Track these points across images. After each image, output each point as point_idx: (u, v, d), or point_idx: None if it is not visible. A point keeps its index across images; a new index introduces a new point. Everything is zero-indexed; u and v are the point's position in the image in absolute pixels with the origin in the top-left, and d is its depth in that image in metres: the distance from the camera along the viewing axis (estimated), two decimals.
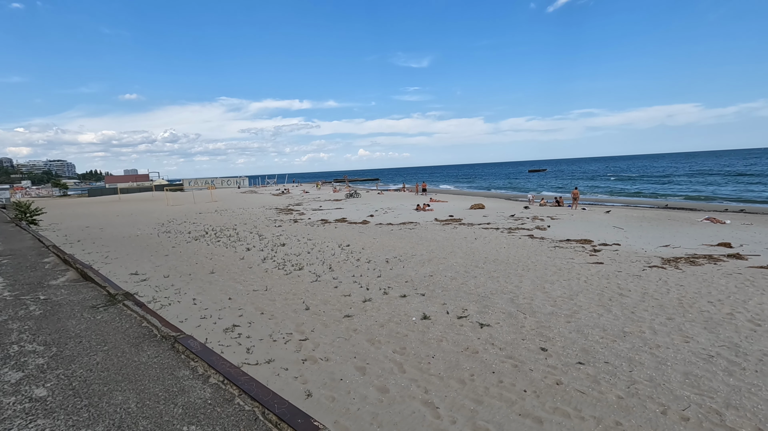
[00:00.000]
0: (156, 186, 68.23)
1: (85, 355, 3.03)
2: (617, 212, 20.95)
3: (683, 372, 4.44)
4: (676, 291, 7.24)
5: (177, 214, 24.53)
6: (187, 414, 2.24)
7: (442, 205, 25.97)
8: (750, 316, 5.99)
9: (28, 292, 4.81)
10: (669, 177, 56.39)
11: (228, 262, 10.19)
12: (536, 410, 3.79)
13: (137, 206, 33.45)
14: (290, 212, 24.06)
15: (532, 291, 7.42)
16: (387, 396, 4.04)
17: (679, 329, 5.58)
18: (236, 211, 25.42)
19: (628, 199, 31.49)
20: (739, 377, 4.30)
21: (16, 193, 62.43)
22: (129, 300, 4.28)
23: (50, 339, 3.35)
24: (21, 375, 2.76)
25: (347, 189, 45.83)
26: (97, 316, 3.87)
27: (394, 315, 6.25)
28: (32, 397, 2.47)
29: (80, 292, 4.73)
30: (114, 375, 2.72)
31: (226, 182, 72.66)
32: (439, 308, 6.56)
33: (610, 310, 6.34)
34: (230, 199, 38.18)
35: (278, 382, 4.27)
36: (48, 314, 3.99)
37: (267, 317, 6.26)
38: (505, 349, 5.06)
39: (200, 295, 7.41)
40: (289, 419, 2.08)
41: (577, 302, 6.75)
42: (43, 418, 2.25)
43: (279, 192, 48.57)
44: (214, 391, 2.46)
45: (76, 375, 2.74)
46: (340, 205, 27.98)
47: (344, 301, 6.98)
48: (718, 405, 3.82)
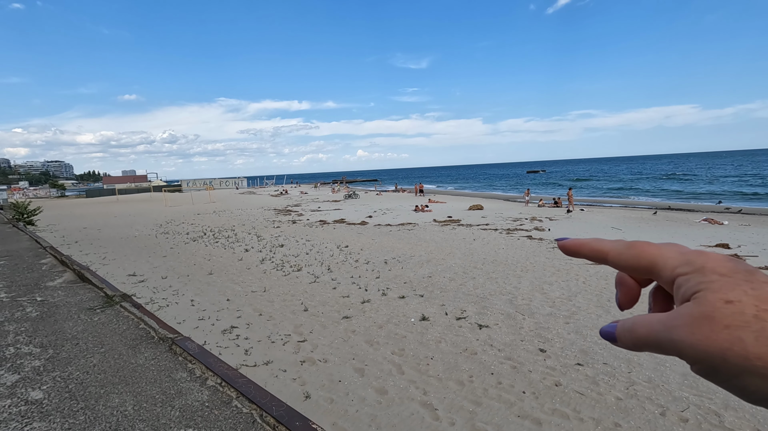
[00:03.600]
0: (154, 187, 68.10)
1: (81, 357, 3.01)
2: (615, 213, 20.99)
3: (682, 373, 4.43)
4: None
5: (175, 215, 24.48)
6: (185, 416, 2.23)
7: (441, 205, 25.97)
8: None
9: (24, 294, 4.78)
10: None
11: (226, 263, 10.17)
12: (535, 411, 3.78)
13: (135, 207, 33.38)
14: (289, 213, 24.03)
15: (531, 292, 7.42)
16: (385, 397, 4.03)
17: None
18: (234, 212, 25.38)
19: (626, 200, 31.58)
20: None
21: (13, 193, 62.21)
22: (126, 301, 4.26)
23: (47, 341, 3.33)
24: (17, 377, 2.74)
25: (346, 190, 45.85)
26: (94, 318, 3.85)
27: (392, 317, 6.24)
28: (28, 400, 2.45)
29: (77, 294, 4.70)
30: (111, 377, 2.70)
31: (224, 183, 72.58)
32: (437, 309, 6.55)
33: (609, 311, 6.34)
34: (228, 200, 38.11)
35: (276, 384, 4.26)
36: (45, 316, 3.97)
37: (265, 318, 6.24)
38: (504, 350, 5.05)
39: (198, 296, 7.39)
40: (288, 421, 2.07)
41: (575, 303, 6.75)
42: (39, 421, 2.23)
43: (277, 193, 48.52)
44: (211, 393, 2.44)
45: (72, 377, 2.72)
46: (338, 206, 27.96)
47: (343, 302, 6.96)
48: (716, 406, 3.82)
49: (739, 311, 0.26)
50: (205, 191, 56.89)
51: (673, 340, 0.28)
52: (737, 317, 0.26)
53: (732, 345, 0.25)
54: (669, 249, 0.32)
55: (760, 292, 0.26)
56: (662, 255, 0.32)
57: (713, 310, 0.26)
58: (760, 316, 0.25)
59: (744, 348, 0.25)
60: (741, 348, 0.25)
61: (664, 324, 0.29)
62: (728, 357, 0.25)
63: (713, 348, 0.26)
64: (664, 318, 0.29)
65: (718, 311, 0.26)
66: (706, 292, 0.27)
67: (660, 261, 0.32)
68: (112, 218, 23.68)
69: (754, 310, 0.26)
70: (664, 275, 0.31)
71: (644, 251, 0.33)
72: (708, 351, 0.26)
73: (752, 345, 0.25)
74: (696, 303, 0.27)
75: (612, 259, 0.34)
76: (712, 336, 0.26)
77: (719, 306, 0.26)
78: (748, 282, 0.27)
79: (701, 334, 0.26)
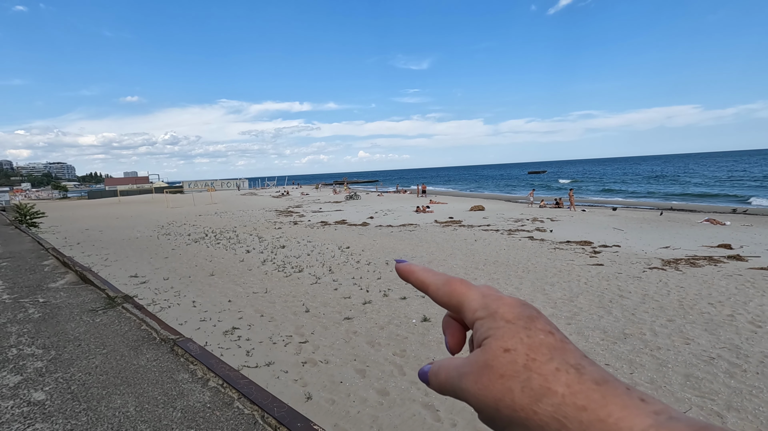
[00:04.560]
0: (156, 188, 68.25)
1: (84, 358, 3.02)
2: (617, 213, 20.94)
3: (684, 374, 4.42)
4: (676, 293, 7.23)
5: (177, 216, 24.53)
6: (186, 418, 2.23)
7: (442, 206, 25.96)
8: (751, 318, 5.98)
9: (27, 295, 4.80)
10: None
11: (228, 264, 10.18)
12: None
13: (137, 208, 33.46)
14: (290, 214, 24.06)
15: (533, 292, 7.41)
16: (387, 398, 4.03)
17: (680, 331, 5.57)
18: (236, 213, 25.42)
19: (628, 200, 31.52)
20: (741, 379, 4.29)
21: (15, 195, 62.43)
22: (128, 302, 4.27)
23: (49, 343, 3.34)
24: (19, 378, 2.75)
25: (347, 191, 45.90)
26: (96, 319, 3.86)
27: (394, 318, 6.24)
28: (30, 401, 2.46)
29: (79, 295, 4.72)
30: (113, 378, 2.71)
31: (225, 184, 72.69)
32: (439, 310, 6.54)
33: (611, 312, 6.32)
34: (230, 201, 38.17)
35: (278, 385, 4.26)
36: (47, 317, 3.98)
37: (267, 319, 6.25)
38: None
39: (200, 298, 7.40)
40: (289, 422, 2.07)
41: (577, 304, 6.73)
42: (42, 422, 2.24)
43: (279, 194, 48.57)
44: (213, 395, 2.44)
45: (74, 378, 2.72)
46: (339, 207, 27.98)
47: (344, 303, 6.96)
48: (719, 408, 3.80)
49: (512, 360, 0.25)
50: (207, 192, 57.02)
51: (462, 389, 0.27)
52: (510, 366, 0.25)
53: (503, 395, 0.24)
54: (475, 291, 0.31)
55: (533, 340, 0.25)
56: (468, 296, 0.31)
57: (493, 359, 0.25)
58: (528, 366, 0.24)
59: (512, 398, 0.24)
60: (510, 399, 0.24)
61: (458, 371, 0.28)
62: (500, 407, 0.24)
63: (489, 399, 0.25)
64: (459, 365, 0.28)
65: (497, 360, 0.25)
66: (491, 339, 0.27)
67: (466, 302, 0.31)
68: (113, 219, 23.74)
69: (524, 359, 0.24)
70: (467, 318, 0.30)
71: (455, 290, 0.31)
72: (485, 401, 0.25)
73: (518, 395, 0.24)
74: (482, 350, 0.27)
75: (431, 293, 0.33)
76: (489, 386, 0.25)
77: (498, 354, 0.25)
78: (525, 330, 0.26)
79: (481, 383, 0.25)
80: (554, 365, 0.24)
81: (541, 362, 0.24)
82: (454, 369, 0.28)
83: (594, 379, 0.23)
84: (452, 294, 0.31)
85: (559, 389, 0.23)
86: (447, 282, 0.32)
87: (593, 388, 0.22)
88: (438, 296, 0.32)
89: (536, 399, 0.23)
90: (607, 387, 0.23)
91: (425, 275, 0.34)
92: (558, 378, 0.23)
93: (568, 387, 0.23)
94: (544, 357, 0.24)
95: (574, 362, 0.24)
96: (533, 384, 0.23)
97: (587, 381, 0.23)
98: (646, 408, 0.21)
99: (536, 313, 0.28)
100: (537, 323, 0.27)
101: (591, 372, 0.24)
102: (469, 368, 0.27)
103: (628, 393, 0.22)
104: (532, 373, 0.24)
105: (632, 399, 0.22)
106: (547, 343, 0.25)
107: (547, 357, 0.24)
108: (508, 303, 0.28)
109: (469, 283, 0.32)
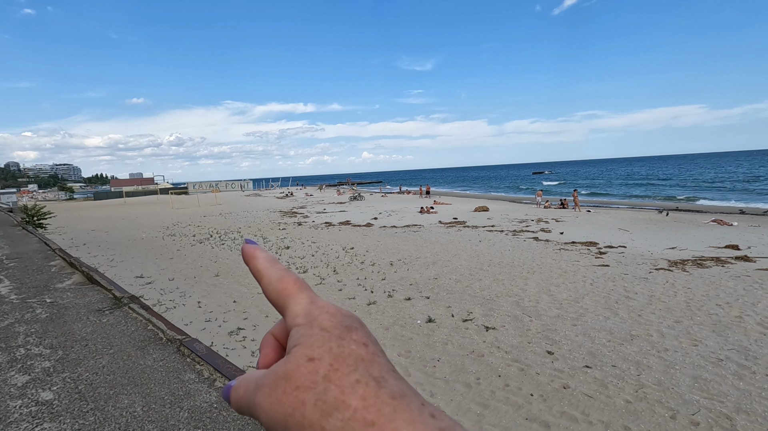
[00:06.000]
0: (161, 189, 68.65)
1: (91, 358, 3.04)
2: (622, 214, 20.82)
3: (692, 375, 4.38)
4: (683, 294, 7.16)
5: (182, 217, 24.66)
6: (193, 418, 2.23)
7: (446, 207, 25.92)
8: (759, 319, 5.92)
9: (34, 295, 4.83)
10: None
11: (232, 265, 10.21)
12: (543, 414, 3.75)
13: (142, 209, 33.67)
14: (294, 215, 24.11)
15: (538, 293, 7.37)
16: None
17: (687, 332, 5.52)
18: (240, 214, 25.52)
19: (633, 201, 31.33)
20: (749, 381, 4.24)
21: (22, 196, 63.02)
22: (134, 303, 4.29)
23: (56, 343, 3.36)
24: (27, 378, 2.77)
25: (351, 192, 45.93)
26: (103, 319, 3.88)
27: (398, 318, 6.23)
28: (38, 400, 2.48)
29: (86, 295, 4.75)
30: (120, 378, 2.72)
31: (230, 185, 73.01)
32: (444, 311, 6.53)
33: (617, 313, 6.28)
34: (234, 202, 38.33)
35: None
36: (54, 317, 4.01)
37: (272, 320, 6.26)
38: (511, 352, 5.02)
39: (205, 298, 7.42)
40: None
41: (583, 305, 6.69)
42: (50, 422, 2.25)
43: (283, 195, 48.71)
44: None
45: (82, 378, 2.74)
46: (343, 208, 28.01)
47: (348, 304, 6.96)
48: (728, 410, 3.76)
49: (314, 370, 0.22)
50: (211, 193, 57.26)
51: (255, 403, 0.24)
52: (310, 377, 0.22)
53: (294, 410, 0.21)
54: (305, 296, 0.27)
55: (342, 350, 0.23)
56: (295, 299, 0.27)
57: (294, 368, 0.22)
58: (329, 376, 0.21)
59: (303, 413, 0.21)
60: (300, 414, 0.21)
61: (257, 384, 0.24)
62: (288, 424, 0.21)
63: (279, 414, 0.22)
64: (259, 376, 0.24)
65: (297, 369, 0.22)
66: (298, 347, 0.24)
67: (291, 305, 0.27)
68: (119, 220, 23.90)
69: (327, 369, 0.22)
70: (287, 323, 0.27)
71: (285, 289, 0.28)
72: (275, 417, 0.22)
73: (310, 409, 0.21)
74: (285, 359, 0.24)
75: (263, 286, 0.29)
76: (282, 399, 0.22)
77: (301, 363, 0.22)
78: (338, 339, 0.23)
79: (275, 396, 0.22)
80: (355, 377, 0.22)
81: (342, 373, 0.22)
82: (254, 382, 0.25)
83: (391, 393, 0.21)
84: (281, 292, 0.28)
85: (353, 402, 0.21)
86: (281, 278, 0.28)
87: (387, 402, 0.21)
88: (268, 292, 0.28)
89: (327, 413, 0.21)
90: (402, 401, 0.21)
91: (264, 265, 0.30)
92: (355, 391, 0.21)
93: (363, 400, 0.21)
94: (348, 368, 0.22)
95: (378, 374, 0.22)
96: (328, 397, 0.21)
97: (384, 395, 0.21)
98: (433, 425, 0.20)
99: (357, 324, 0.25)
100: (353, 334, 0.24)
101: (391, 386, 0.22)
102: (268, 379, 0.23)
103: (421, 409, 0.21)
104: (330, 384, 0.21)
105: (422, 415, 0.20)
106: (356, 354, 0.23)
107: (351, 368, 0.22)
108: (331, 311, 0.26)
109: (304, 286, 0.28)
